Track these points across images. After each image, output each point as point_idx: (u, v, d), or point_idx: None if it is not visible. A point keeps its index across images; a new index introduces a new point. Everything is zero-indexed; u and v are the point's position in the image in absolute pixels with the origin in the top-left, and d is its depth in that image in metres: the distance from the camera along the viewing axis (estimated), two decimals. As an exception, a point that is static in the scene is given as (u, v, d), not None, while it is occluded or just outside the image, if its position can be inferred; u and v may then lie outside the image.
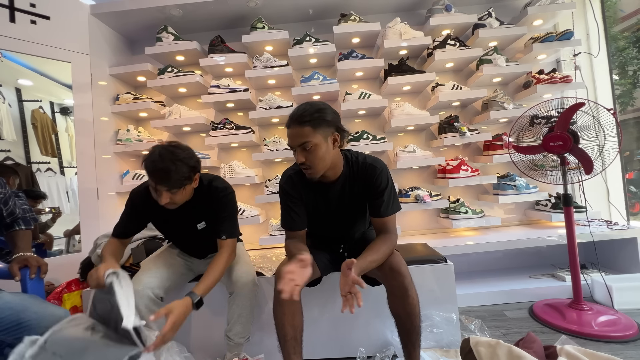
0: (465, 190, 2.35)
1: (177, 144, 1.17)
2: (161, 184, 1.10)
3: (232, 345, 1.32)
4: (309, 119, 1.05)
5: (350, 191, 1.20)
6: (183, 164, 1.12)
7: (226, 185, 1.33)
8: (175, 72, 2.18)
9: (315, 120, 1.05)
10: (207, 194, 1.29)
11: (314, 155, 1.07)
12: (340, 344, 1.43)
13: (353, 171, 1.19)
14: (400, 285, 1.09)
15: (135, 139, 2.19)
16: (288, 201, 1.21)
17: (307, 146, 1.06)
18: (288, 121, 1.09)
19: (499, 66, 2.10)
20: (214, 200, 1.28)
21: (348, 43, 2.28)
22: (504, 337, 1.50)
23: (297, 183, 1.20)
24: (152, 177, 1.11)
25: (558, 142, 1.50)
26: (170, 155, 1.10)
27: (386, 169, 1.18)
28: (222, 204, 1.30)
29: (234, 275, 1.33)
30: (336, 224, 1.29)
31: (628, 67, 8.60)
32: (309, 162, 1.08)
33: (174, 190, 1.13)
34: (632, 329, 1.43)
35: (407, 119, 2.11)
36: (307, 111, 1.07)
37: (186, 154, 1.15)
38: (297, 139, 1.06)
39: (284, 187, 1.22)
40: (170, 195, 1.13)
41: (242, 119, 2.37)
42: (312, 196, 1.21)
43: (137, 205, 1.28)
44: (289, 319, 1.10)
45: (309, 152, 1.07)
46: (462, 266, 2.19)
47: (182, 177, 1.12)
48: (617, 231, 1.90)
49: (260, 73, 2.13)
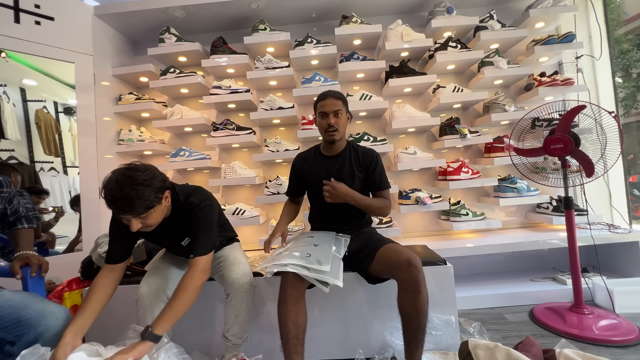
0: (466, 192, 2.35)
1: (134, 167, 1.05)
2: (125, 213, 1.00)
3: (230, 345, 1.32)
4: (341, 96, 1.43)
5: (349, 165, 1.46)
6: (145, 186, 1.01)
7: (202, 199, 1.23)
8: (177, 73, 2.20)
9: (344, 99, 1.44)
10: (185, 209, 1.21)
11: (341, 122, 1.40)
12: (339, 345, 1.43)
13: (354, 152, 1.49)
14: (415, 279, 1.10)
15: (137, 139, 2.20)
16: (291, 174, 1.59)
17: (339, 113, 1.39)
18: (323, 95, 1.42)
19: (501, 68, 2.09)
20: (191, 216, 1.20)
21: (349, 45, 2.29)
22: (504, 340, 1.49)
23: (305, 159, 1.54)
24: (113, 207, 1.00)
25: (559, 144, 1.50)
26: (128, 180, 0.99)
27: (379, 156, 1.48)
28: (194, 220, 1.20)
29: (231, 277, 1.33)
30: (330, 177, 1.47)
31: (632, 70, 8.56)
32: (337, 125, 1.39)
33: (143, 215, 1.03)
34: (634, 333, 1.42)
35: (408, 120, 2.11)
36: (336, 91, 1.44)
37: (146, 175, 1.04)
38: (333, 107, 1.38)
39: (294, 162, 1.57)
40: (140, 220, 1.04)
41: (243, 119, 2.38)
42: (316, 167, 1.48)
43: (119, 227, 1.16)
44: (293, 317, 1.12)
45: (338, 119, 1.39)
46: (463, 269, 2.19)
47: (146, 201, 1.01)
48: (618, 235, 1.89)
49: (261, 74, 2.14)
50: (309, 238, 1.38)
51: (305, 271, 1.16)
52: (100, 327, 1.49)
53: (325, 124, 1.40)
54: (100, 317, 1.52)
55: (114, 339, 1.13)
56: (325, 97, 1.41)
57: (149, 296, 1.25)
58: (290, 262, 1.17)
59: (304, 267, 1.17)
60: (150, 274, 1.33)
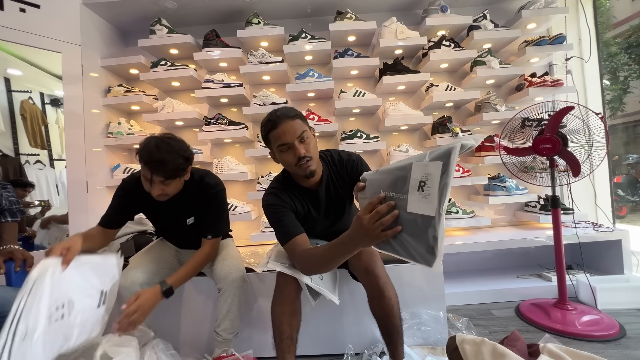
0: (457, 190, 2.38)
1: (171, 136, 1.18)
2: (157, 174, 1.11)
3: (221, 341, 1.32)
4: (295, 113, 1.07)
5: (335, 188, 1.20)
6: (178, 155, 1.14)
7: (217, 182, 1.34)
8: (168, 65, 2.16)
9: (299, 114, 1.08)
10: (198, 189, 1.30)
11: (311, 146, 1.07)
12: (329, 341, 1.44)
13: (333, 169, 1.20)
14: (376, 287, 1.10)
15: (126, 133, 2.16)
16: (277, 214, 1.10)
17: (305, 137, 1.05)
18: (272, 121, 1.04)
19: (493, 68, 2.12)
20: (203, 196, 1.30)
21: (344, 41, 2.28)
22: (490, 335, 1.53)
23: (282, 197, 1.13)
24: (148, 166, 1.11)
25: (547, 144, 1.53)
26: (166, 145, 1.12)
27: (361, 158, 1.21)
28: (211, 201, 1.31)
29: (223, 272, 1.32)
30: (330, 224, 1.29)
31: (619, 73, 8.76)
32: (310, 152, 1.05)
33: (168, 182, 1.14)
34: (614, 328, 1.46)
35: (401, 118, 2.12)
36: (288, 108, 1.08)
37: (181, 145, 1.17)
38: (296, 132, 1.03)
39: (271, 203, 1.12)
40: (163, 186, 1.15)
41: (235, 114, 2.36)
42: (300, 204, 1.17)
43: (127, 195, 1.28)
44: (288, 318, 1.10)
45: (307, 144, 1.05)
46: (452, 265, 2.22)
47: (177, 168, 1.14)
48: (602, 233, 1.94)
49: (254, 69, 2.12)
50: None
51: (307, 279, 1.11)
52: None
53: (293, 158, 1.04)
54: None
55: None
56: (276, 124, 1.03)
57: (127, 290, 1.23)
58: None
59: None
60: (132, 267, 1.32)
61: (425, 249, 0.73)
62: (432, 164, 0.71)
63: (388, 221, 0.77)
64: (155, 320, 1.44)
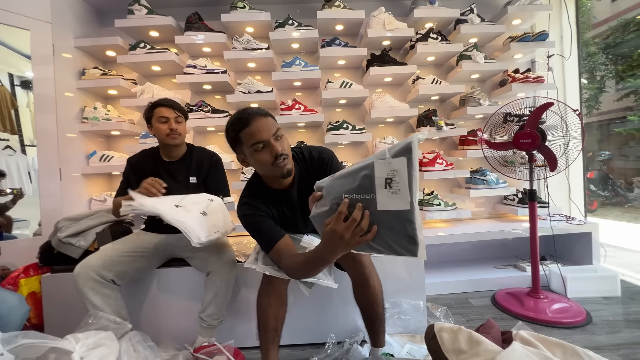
0: (440, 183, 2.42)
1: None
2: (169, 105, 1.43)
3: (205, 327, 1.31)
4: (267, 112, 1.02)
5: (308, 189, 1.10)
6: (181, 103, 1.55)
7: (215, 153, 1.59)
8: (148, 48, 2.06)
9: (270, 114, 1.03)
10: (199, 154, 1.54)
11: (286, 144, 1.02)
12: (311, 330, 1.45)
13: (304, 168, 1.15)
14: (361, 275, 1.12)
15: (103, 118, 2.06)
16: (255, 224, 1.05)
17: (280, 134, 1.00)
18: (244, 119, 0.98)
19: (478, 63, 2.14)
20: (207, 160, 1.53)
21: (331, 30, 2.24)
22: (467, 323, 1.58)
23: (256, 204, 1.07)
24: (161, 102, 1.43)
25: (527, 139, 1.57)
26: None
27: (333, 154, 1.17)
28: (217, 166, 1.55)
29: (213, 254, 1.33)
30: (307, 223, 1.21)
31: (596, 73, 9.09)
32: (285, 150, 1.00)
33: (180, 119, 1.45)
34: (581, 315, 1.55)
35: (387, 110, 2.12)
36: (257, 108, 1.03)
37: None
38: (270, 129, 0.98)
39: (245, 213, 1.06)
40: (177, 125, 1.42)
41: (219, 102, 2.29)
42: (275, 209, 1.11)
43: (136, 165, 1.48)
44: (274, 310, 1.10)
45: (282, 142, 1.01)
46: (433, 256, 2.27)
47: (182, 108, 1.48)
48: (574, 226, 2.03)
49: (239, 55, 2.06)
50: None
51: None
52: (59, 315, 1.43)
53: (269, 157, 0.98)
54: (58, 306, 1.45)
55: (72, 328, 1.09)
56: (249, 122, 0.96)
57: (80, 276, 1.20)
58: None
59: None
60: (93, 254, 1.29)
61: (407, 240, 0.73)
62: (396, 160, 0.70)
63: (365, 225, 0.74)
64: (135, 312, 1.42)
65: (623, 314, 1.59)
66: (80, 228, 1.52)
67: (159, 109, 1.42)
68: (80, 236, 1.52)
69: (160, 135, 1.44)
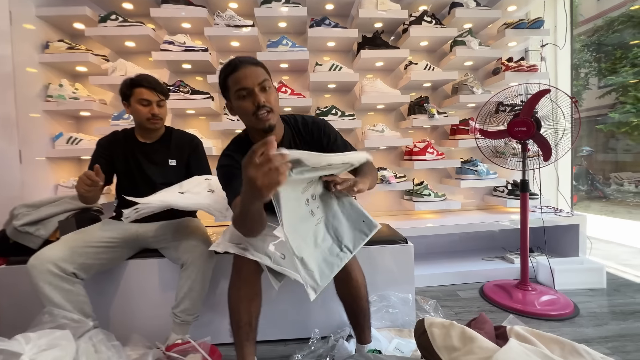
0: (430, 173, 2.37)
1: None
2: (152, 87, 1.29)
3: (178, 323, 1.21)
4: (259, 62, 1.00)
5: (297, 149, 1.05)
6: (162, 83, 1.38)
7: (195, 135, 1.50)
8: (120, 21, 1.88)
9: (264, 65, 1.01)
10: (180, 135, 1.45)
11: (272, 97, 0.98)
12: (295, 325, 1.37)
13: (297, 133, 1.12)
14: (343, 268, 1.04)
15: (70, 97, 1.88)
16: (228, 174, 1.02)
17: (267, 85, 0.97)
18: (232, 65, 0.96)
19: (472, 49, 2.07)
20: (186, 143, 1.43)
21: (321, 9, 2.11)
22: (456, 316, 1.54)
23: (236, 158, 1.03)
24: (143, 80, 1.29)
25: (522, 127, 1.51)
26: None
27: (326, 121, 1.16)
28: (198, 150, 1.46)
29: (190, 244, 1.23)
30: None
31: (581, 70, 9.26)
32: (270, 103, 0.96)
33: (162, 100, 1.33)
34: (569, 307, 1.53)
35: (378, 96, 2.03)
36: (252, 58, 1.00)
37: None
38: (257, 77, 0.95)
39: (223, 164, 1.04)
40: (158, 108, 1.32)
41: (200, 83, 2.14)
42: None
43: (106, 147, 1.36)
44: (246, 304, 1.01)
45: (268, 94, 0.97)
46: (421, 248, 2.23)
47: (164, 89, 1.35)
48: (564, 218, 2.02)
49: (222, 32, 1.91)
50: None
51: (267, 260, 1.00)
52: (15, 312, 1.30)
53: (251, 106, 0.95)
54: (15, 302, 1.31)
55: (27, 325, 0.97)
56: (237, 67, 0.95)
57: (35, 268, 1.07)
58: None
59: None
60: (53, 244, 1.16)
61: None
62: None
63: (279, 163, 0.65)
64: (102, 308, 1.30)
65: (609, 305, 1.59)
66: (40, 216, 1.38)
67: (139, 90, 1.29)
68: (40, 224, 1.38)
69: (139, 118, 1.32)
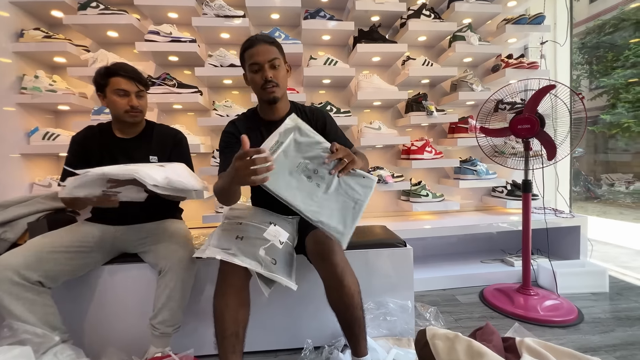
0: (428, 173, 2.30)
1: None
2: (129, 76, 1.19)
3: (157, 335, 1.10)
4: (274, 41, 1.11)
5: None
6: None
7: (178, 130, 1.41)
8: (101, 8, 1.76)
9: (279, 44, 1.13)
10: (162, 130, 1.35)
11: (281, 75, 1.11)
12: (286, 335, 1.28)
13: (302, 115, 1.21)
14: (333, 275, 0.97)
15: (46, 89, 1.76)
16: (227, 142, 1.16)
17: (276, 63, 1.09)
18: (250, 41, 1.09)
19: (472, 44, 2.00)
20: (169, 138, 1.34)
21: (316, 1, 2.02)
22: (457, 322, 1.47)
23: (240, 128, 1.17)
24: (120, 69, 1.19)
25: (526, 124, 1.44)
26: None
27: (329, 113, 1.30)
28: (182, 145, 1.36)
29: (170, 247, 1.12)
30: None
31: (573, 72, 9.37)
32: (278, 80, 1.09)
33: (141, 91, 1.23)
34: (573, 313, 1.47)
35: (375, 92, 1.95)
36: (269, 36, 1.13)
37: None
38: (268, 55, 1.07)
39: (227, 130, 1.18)
40: (138, 100, 1.22)
41: (188, 77, 2.03)
42: (260, 136, 1.14)
43: (82, 143, 1.25)
44: (232, 313, 0.92)
45: (277, 71, 1.10)
46: (418, 250, 2.14)
47: (144, 79, 1.24)
48: (565, 219, 1.96)
49: (210, 22, 1.81)
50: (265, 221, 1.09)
51: (257, 266, 0.93)
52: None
53: (260, 79, 1.08)
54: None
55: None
56: (253, 44, 1.08)
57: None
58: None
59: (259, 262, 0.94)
60: (16, 249, 1.04)
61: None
62: None
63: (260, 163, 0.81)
64: (75, 319, 1.19)
65: (613, 310, 1.53)
66: (7, 217, 1.26)
67: (116, 80, 1.18)
68: (7, 226, 1.26)
69: (116, 111, 1.22)
